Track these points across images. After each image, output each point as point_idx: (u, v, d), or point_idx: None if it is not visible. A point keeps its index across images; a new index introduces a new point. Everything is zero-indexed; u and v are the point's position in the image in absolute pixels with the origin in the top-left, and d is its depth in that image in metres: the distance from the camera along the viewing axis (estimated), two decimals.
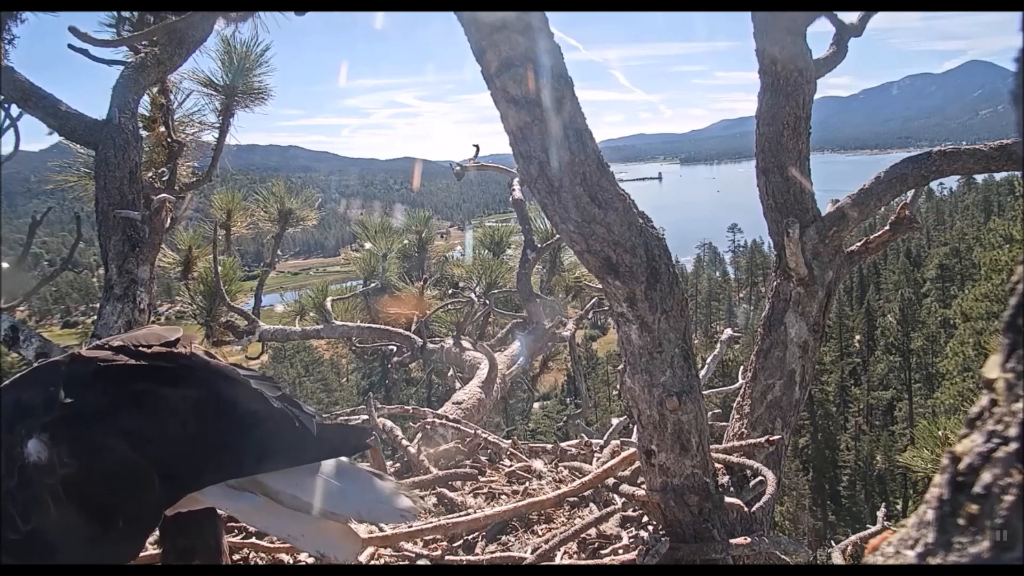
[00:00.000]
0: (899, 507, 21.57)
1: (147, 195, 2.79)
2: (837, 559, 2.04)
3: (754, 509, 1.67)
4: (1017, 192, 27.53)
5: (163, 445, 1.14)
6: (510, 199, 4.34)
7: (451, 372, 4.68)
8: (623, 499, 1.81)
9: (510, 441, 2.50)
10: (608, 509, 1.82)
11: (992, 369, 0.51)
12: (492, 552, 1.75)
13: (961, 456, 0.50)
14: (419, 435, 2.52)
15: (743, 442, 1.94)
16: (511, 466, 2.34)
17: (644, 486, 1.67)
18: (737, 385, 2.85)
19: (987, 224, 30.40)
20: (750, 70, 2.07)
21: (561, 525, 1.88)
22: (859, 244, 2.11)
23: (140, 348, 1.22)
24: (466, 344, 4.33)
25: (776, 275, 2.10)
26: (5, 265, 3.16)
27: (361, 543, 1.51)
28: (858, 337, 34.00)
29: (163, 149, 3.34)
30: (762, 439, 1.89)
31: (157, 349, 1.23)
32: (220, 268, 3.68)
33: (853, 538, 2.25)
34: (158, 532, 1.29)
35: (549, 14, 1.23)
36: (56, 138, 2.85)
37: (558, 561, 1.64)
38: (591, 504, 1.99)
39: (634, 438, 1.87)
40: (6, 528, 1.07)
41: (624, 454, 1.88)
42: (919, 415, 22.19)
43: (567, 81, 1.28)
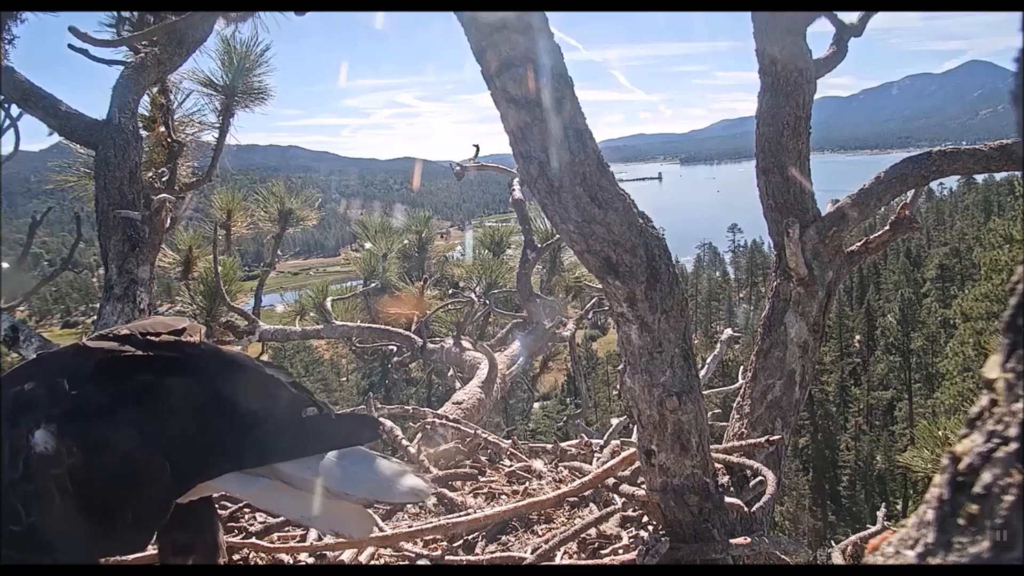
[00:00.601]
0: (899, 507, 21.57)
1: (147, 195, 2.79)
2: (837, 559, 2.04)
3: (754, 509, 1.67)
4: (1017, 192, 27.53)
5: (174, 435, 1.14)
6: (510, 199, 4.34)
7: (451, 372, 4.68)
8: (623, 499, 1.81)
9: (510, 441, 2.50)
10: (608, 509, 1.82)
11: (992, 369, 0.51)
12: (492, 552, 1.75)
13: (961, 456, 0.50)
14: (419, 435, 2.52)
15: (743, 442, 1.94)
16: (511, 466, 2.34)
17: (644, 486, 1.67)
18: (737, 385, 2.85)
19: (987, 224, 30.40)
20: (750, 70, 2.06)
21: (561, 525, 1.88)
22: (859, 244, 2.11)
23: (148, 337, 1.23)
24: (466, 344, 4.33)
25: (776, 275, 2.10)
26: (5, 265, 3.16)
27: (373, 522, 1.52)
28: (858, 337, 34.01)
29: (163, 149, 3.34)
30: (762, 439, 1.89)
31: (165, 338, 1.24)
32: (220, 268, 3.68)
33: (853, 538, 2.25)
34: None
35: (549, 14, 1.23)
36: (56, 138, 2.86)
37: (558, 561, 1.64)
38: (591, 504, 1.99)
39: (634, 438, 1.87)
40: (7, 520, 1.06)
41: (624, 454, 1.88)
42: (919, 415, 22.19)
43: (567, 81, 1.28)
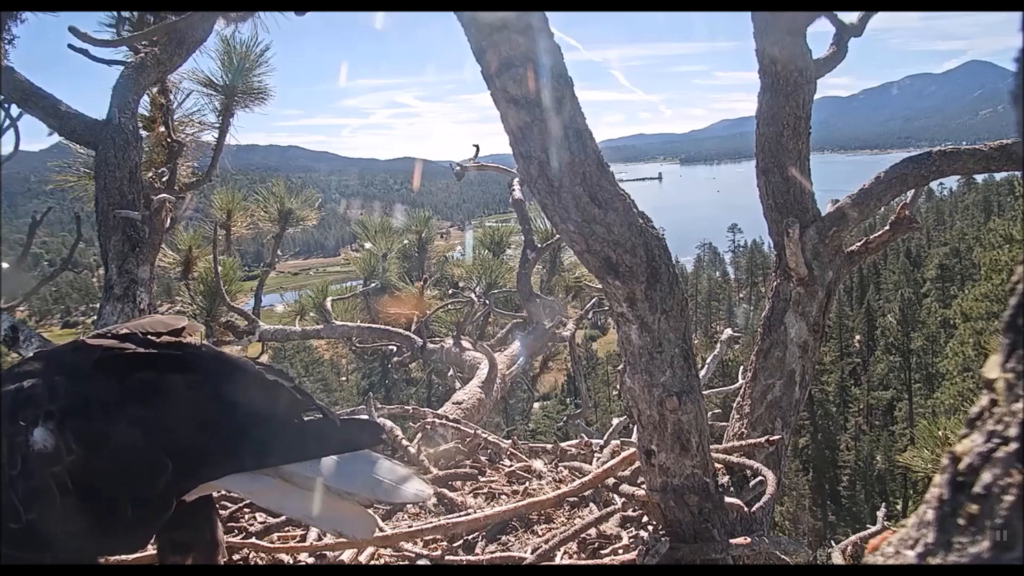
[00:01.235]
0: (899, 507, 21.56)
1: (147, 195, 2.79)
2: (837, 559, 2.04)
3: (754, 509, 1.67)
4: (1017, 192, 27.54)
5: (176, 434, 1.15)
6: (510, 199, 4.34)
7: (451, 372, 4.68)
8: (623, 499, 1.81)
9: (510, 441, 2.50)
10: (608, 509, 1.82)
11: (992, 369, 0.51)
12: (492, 552, 1.75)
13: (961, 456, 0.50)
14: (419, 435, 2.52)
15: (743, 442, 1.94)
16: (511, 466, 2.34)
17: (644, 486, 1.67)
18: (737, 385, 2.85)
19: (987, 224, 30.40)
20: (750, 70, 2.07)
21: (561, 525, 1.88)
22: (859, 244, 2.11)
23: (148, 336, 1.23)
24: (466, 344, 4.33)
25: (776, 275, 2.10)
26: (5, 265, 3.16)
27: (375, 522, 1.53)
28: (858, 337, 34.01)
29: (163, 149, 3.34)
30: (762, 439, 1.89)
31: (166, 338, 1.24)
32: (220, 268, 3.68)
33: (853, 538, 2.25)
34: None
35: (549, 14, 1.23)
36: (56, 138, 2.86)
37: (558, 561, 1.64)
38: (591, 504, 1.99)
39: (634, 438, 1.87)
40: (6, 518, 1.06)
41: (624, 454, 1.88)
42: (919, 415, 22.18)
43: (567, 81, 1.28)
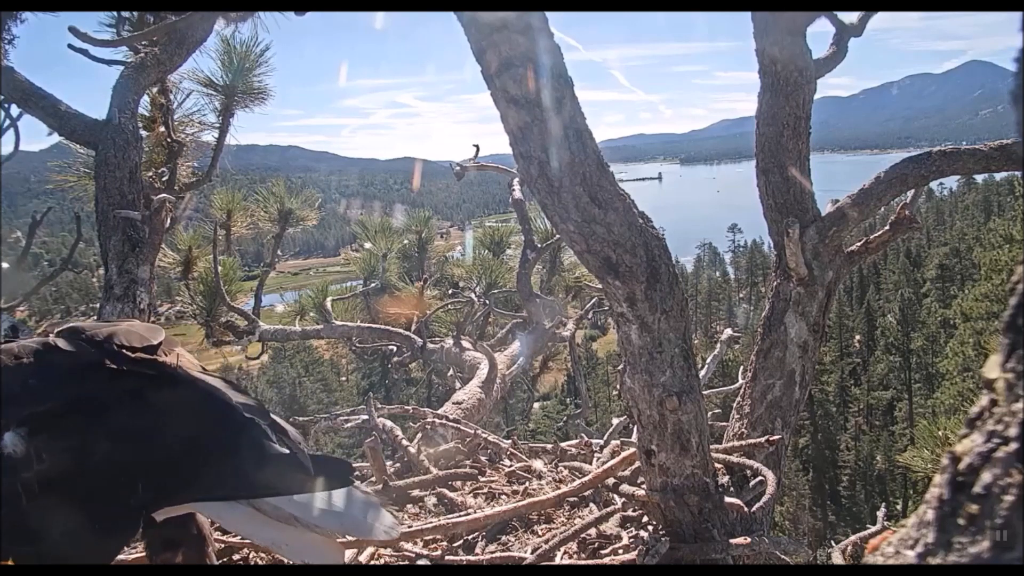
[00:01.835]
0: (899, 507, 21.56)
1: (147, 195, 2.79)
2: (837, 559, 2.04)
3: (754, 509, 1.67)
4: (1017, 192, 27.54)
5: (147, 456, 1.14)
6: (510, 199, 4.34)
7: (451, 372, 4.68)
8: (623, 499, 1.81)
9: (510, 441, 2.50)
10: (608, 509, 1.82)
11: (992, 369, 0.51)
12: (492, 552, 1.75)
13: (961, 456, 0.50)
14: (419, 435, 2.52)
15: (743, 442, 1.94)
16: (511, 466, 2.34)
17: (644, 486, 1.67)
18: (737, 385, 2.85)
19: (987, 224, 30.41)
20: (750, 70, 2.07)
21: (561, 525, 1.88)
22: (859, 244, 2.11)
23: (123, 351, 1.20)
24: (466, 344, 4.33)
25: (776, 275, 2.10)
26: (5, 265, 3.16)
27: (343, 553, 1.54)
28: (858, 337, 33.99)
29: (163, 149, 3.34)
30: (762, 439, 1.89)
31: (141, 355, 1.21)
32: (220, 268, 3.68)
33: (853, 538, 2.25)
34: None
35: (549, 14, 1.23)
36: (56, 138, 2.85)
37: (558, 561, 1.64)
38: (591, 504, 1.99)
39: (634, 438, 1.87)
40: None
41: (624, 454, 1.88)
42: (919, 415, 22.18)
43: (567, 81, 1.28)
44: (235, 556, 1.75)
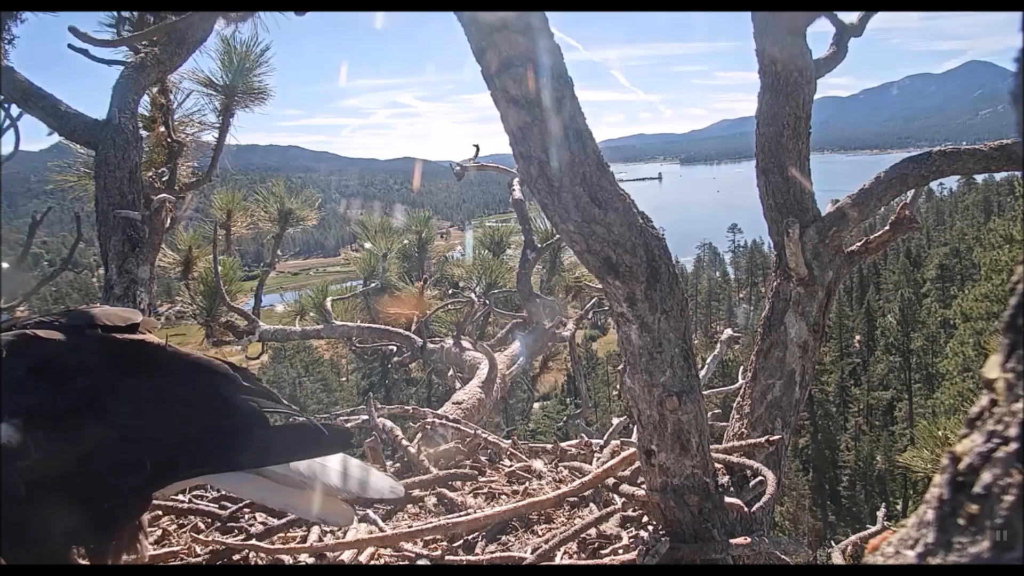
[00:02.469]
0: (899, 507, 21.56)
1: (147, 195, 2.79)
2: (837, 559, 2.04)
3: (754, 509, 1.67)
4: (1017, 192, 27.53)
5: (150, 435, 1.16)
6: (510, 199, 4.34)
7: (451, 372, 4.68)
8: (623, 499, 1.81)
9: (510, 441, 2.50)
10: (608, 509, 1.82)
11: (992, 369, 0.51)
12: (492, 552, 1.75)
13: (961, 456, 0.50)
14: (419, 435, 2.52)
15: (743, 442, 1.94)
16: (511, 466, 2.34)
17: (644, 486, 1.67)
18: (737, 385, 2.85)
19: (987, 224, 30.39)
20: (750, 70, 2.07)
21: (561, 525, 1.88)
22: (859, 244, 2.11)
23: (111, 333, 1.22)
24: (466, 344, 4.33)
25: (776, 275, 2.10)
26: (5, 265, 3.16)
27: (353, 515, 1.59)
28: (858, 337, 33.99)
29: (163, 149, 3.34)
30: (762, 439, 1.89)
31: (127, 336, 1.23)
32: (220, 268, 3.68)
33: (853, 538, 2.25)
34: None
35: (549, 14, 1.23)
36: (56, 138, 2.86)
37: (558, 561, 1.64)
38: (591, 504, 1.99)
39: (634, 438, 1.87)
40: None
41: (624, 454, 1.88)
42: (919, 415, 22.17)
43: (567, 81, 1.28)
44: (235, 556, 1.75)
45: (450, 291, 5.34)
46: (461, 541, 1.80)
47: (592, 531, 1.75)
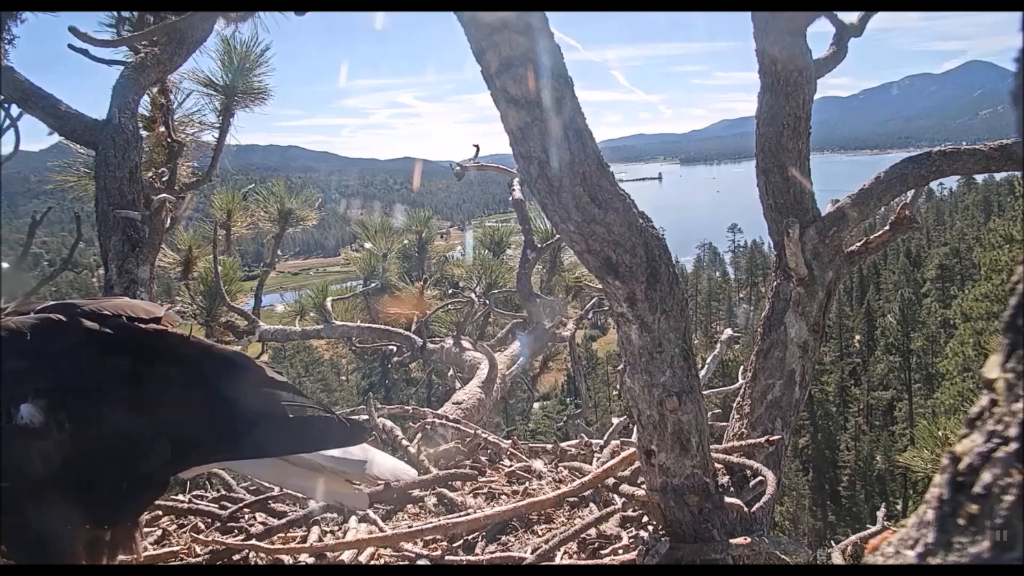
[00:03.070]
0: (899, 507, 21.55)
1: (147, 195, 2.79)
2: (837, 559, 2.03)
3: (754, 509, 1.67)
4: (1017, 192, 27.52)
5: (172, 420, 1.18)
6: (510, 199, 4.34)
7: (451, 372, 4.68)
8: (623, 499, 1.81)
9: (510, 441, 2.50)
10: (608, 509, 1.82)
11: (992, 369, 0.51)
12: (492, 552, 1.75)
13: (961, 456, 0.50)
14: (419, 435, 2.52)
15: (743, 442, 1.94)
16: (511, 466, 2.34)
17: (644, 486, 1.67)
18: (737, 385, 2.85)
19: (987, 224, 30.37)
20: (750, 70, 2.06)
21: (561, 525, 1.88)
22: (859, 244, 2.11)
23: (135, 322, 1.24)
24: (466, 344, 4.33)
25: (776, 275, 2.10)
26: (5, 265, 3.16)
27: (368, 499, 1.66)
28: (858, 337, 33.98)
29: (163, 149, 3.34)
30: (762, 439, 1.89)
31: (153, 326, 1.25)
32: (220, 268, 3.68)
33: (853, 538, 2.25)
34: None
35: (549, 14, 1.23)
36: (56, 138, 2.86)
37: (558, 561, 1.64)
38: (591, 504, 1.99)
39: (634, 438, 1.87)
40: None
41: (624, 454, 1.88)
42: (919, 415, 22.16)
43: (567, 81, 1.28)
44: (235, 556, 1.75)
45: (450, 291, 5.34)
46: (461, 541, 1.80)
47: (592, 531, 1.75)
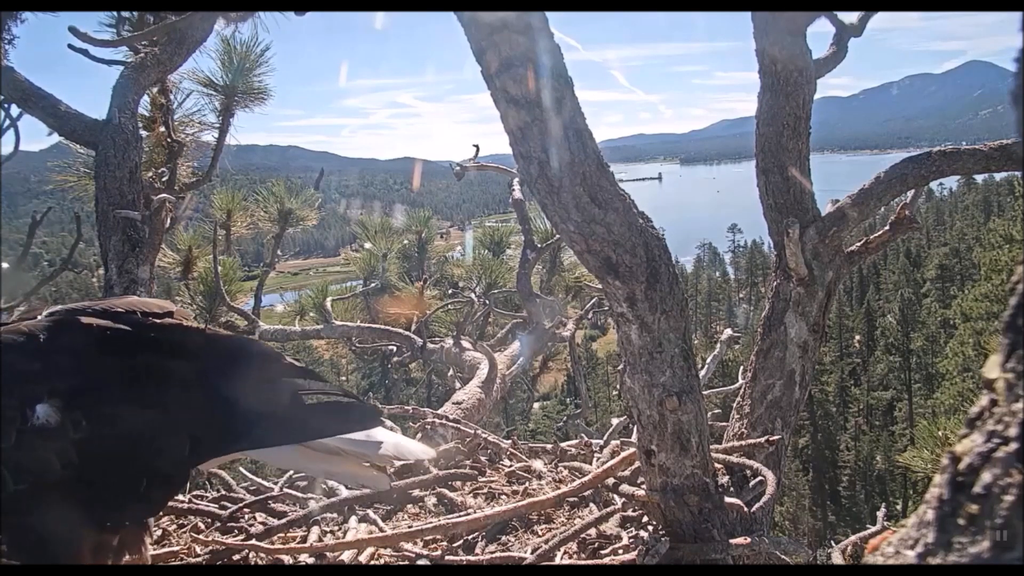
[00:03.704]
0: (899, 507, 21.55)
1: (147, 195, 2.79)
2: (837, 559, 2.03)
3: (754, 509, 1.66)
4: (1017, 192, 27.51)
5: (192, 413, 1.19)
6: (510, 199, 4.34)
7: (451, 372, 4.68)
8: (623, 499, 1.81)
9: (510, 441, 2.50)
10: (608, 509, 1.82)
11: (992, 369, 0.51)
12: (492, 552, 1.75)
13: (961, 456, 0.50)
14: (419, 435, 2.52)
15: (743, 442, 1.94)
16: (511, 466, 2.34)
17: (644, 486, 1.67)
18: (737, 385, 2.85)
19: (987, 224, 30.37)
20: (750, 70, 2.07)
21: (561, 525, 1.88)
22: (859, 244, 2.11)
23: (149, 318, 1.24)
24: (466, 344, 4.33)
25: (776, 275, 2.10)
26: (5, 265, 3.16)
27: (389, 480, 1.66)
28: (858, 337, 33.98)
29: (163, 149, 3.34)
30: (762, 439, 1.89)
31: (168, 321, 1.26)
32: (220, 268, 3.68)
33: (853, 538, 2.25)
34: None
35: (549, 14, 1.23)
36: (56, 138, 2.86)
37: (558, 561, 1.64)
38: (591, 504, 1.99)
39: (634, 438, 1.87)
40: None
41: (624, 454, 1.88)
42: (919, 415, 22.16)
43: (567, 81, 1.28)
44: (235, 556, 1.75)
45: (450, 291, 5.34)
46: (461, 541, 1.79)
47: (592, 531, 1.75)
